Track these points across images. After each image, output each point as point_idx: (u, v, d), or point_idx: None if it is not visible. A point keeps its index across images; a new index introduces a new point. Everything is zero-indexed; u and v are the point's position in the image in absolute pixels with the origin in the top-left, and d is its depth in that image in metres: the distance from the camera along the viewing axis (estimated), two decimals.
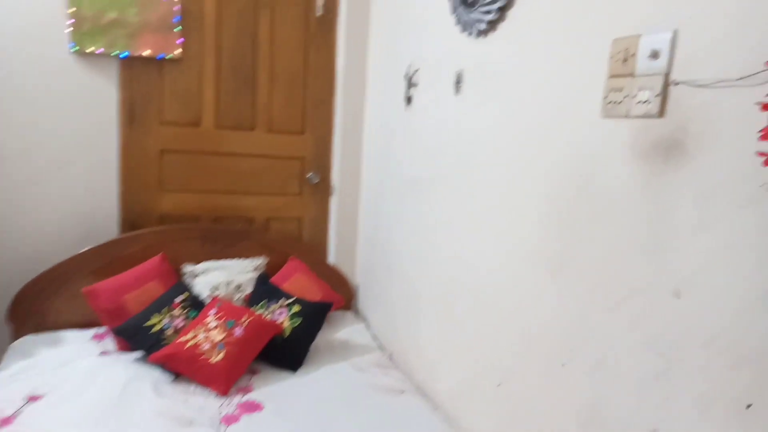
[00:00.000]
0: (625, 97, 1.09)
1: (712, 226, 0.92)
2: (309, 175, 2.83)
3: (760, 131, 0.76)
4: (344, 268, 2.82)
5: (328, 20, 2.73)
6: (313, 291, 2.48)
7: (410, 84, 2.14)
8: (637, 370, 1.07)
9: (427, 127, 1.99)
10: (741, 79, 0.85)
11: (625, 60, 1.08)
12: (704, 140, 0.92)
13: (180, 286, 2.31)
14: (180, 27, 2.44)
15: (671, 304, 0.99)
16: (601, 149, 1.16)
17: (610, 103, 1.12)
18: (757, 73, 0.82)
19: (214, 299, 2.20)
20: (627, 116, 1.08)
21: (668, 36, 0.99)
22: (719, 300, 0.91)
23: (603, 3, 1.15)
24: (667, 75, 0.99)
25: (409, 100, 2.15)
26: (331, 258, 2.86)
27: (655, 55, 1.01)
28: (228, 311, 2.09)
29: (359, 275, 2.82)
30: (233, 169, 2.71)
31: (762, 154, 0.75)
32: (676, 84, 0.98)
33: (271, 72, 2.70)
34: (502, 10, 1.49)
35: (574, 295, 1.24)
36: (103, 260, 2.34)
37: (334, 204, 2.85)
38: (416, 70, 2.08)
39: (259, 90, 2.69)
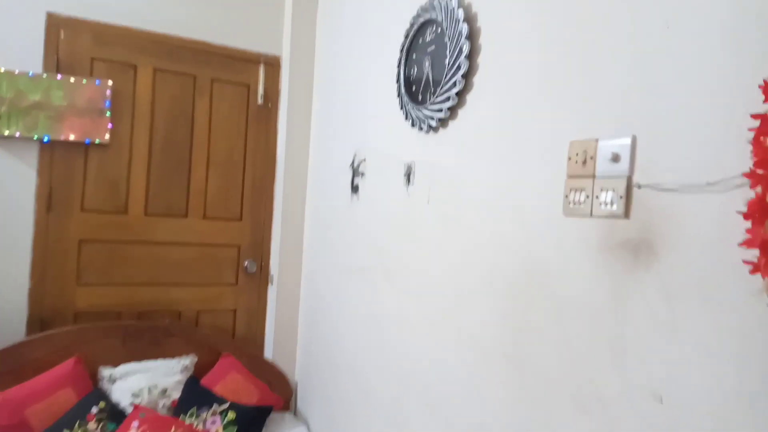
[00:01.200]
0: (587, 198, 1.09)
1: (686, 327, 0.91)
2: (246, 263, 2.69)
3: (743, 242, 0.76)
4: (283, 364, 2.63)
5: (269, 108, 2.71)
6: (249, 392, 2.27)
7: (356, 173, 2.12)
8: None
9: (375, 216, 1.95)
10: (709, 185, 0.87)
11: (584, 162, 1.10)
12: (674, 241, 0.93)
13: (96, 393, 2.04)
14: (110, 111, 2.32)
15: (652, 409, 0.95)
16: (563, 247, 1.15)
17: (571, 203, 1.13)
18: (727, 179, 0.84)
19: (136, 408, 1.95)
20: (591, 216, 1.08)
21: (627, 141, 1.01)
22: (700, 403, 0.88)
23: (557, 106, 1.19)
24: (629, 178, 1.01)
25: (355, 188, 2.12)
26: (269, 353, 2.67)
27: (615, 158, 1.03)
28: (152, 423, 1.85)
29: (299, 372, 2.64)
30: (162, 259, 2.52)
31: (748, 262, 0.75)
32: (640, 187, 0.99)
33: (208, 157, 2.61)
34: (453, 110, 1.52)
35: (536, 397, 1.18)
36: (5, 366, 2.04)
37: (272, 294, 2.70)
38: (363, 160, 2.07)
39: (194, 175, 2.58)
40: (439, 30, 1.59)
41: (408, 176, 1.75)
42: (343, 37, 2.34)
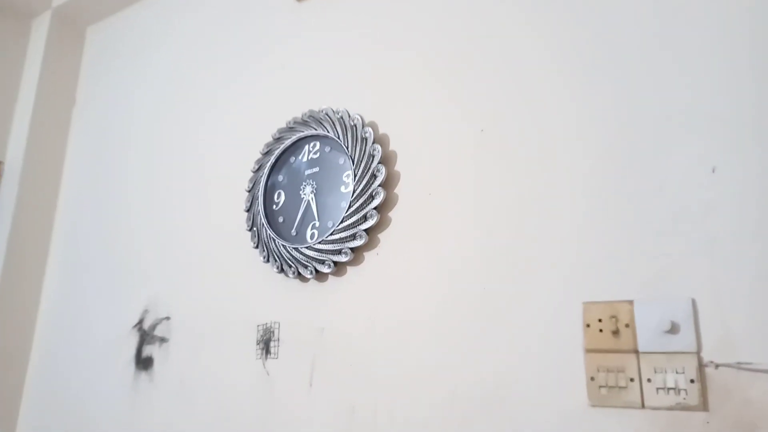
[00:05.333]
0: (630, 381, 0.80)
1: None
2: None
3: None
4: None
5: None
6: None
7: (147, 338, 1.41)
8: None
9: (194, 409, 1.26)
10: None
11: (615, 331, 0.82)
12: None
13: None
14: None
15: None
16: None
17: (603, 388, 0.81)
18: None
19: None
20: (643, 407, 0.78)
21: (686, 304, 0.78)
22: None
23: (558, 251, 0.91)
24: (698, 354, 0.76)
25: (145, 363, 1.39)
26: None
27: (673, 328, 0.78)
28: None
29: None
30: None
31: None
32: (717, 367, 0.75)
33: None
34: (357, 251, 1.11)
35: None
36: None
37: None
38: (164, 319, 1.39)
39: None
40: (329, 149, 1.21)
41: (266, 345, 1.19)
42: (122, 140, 1.71)
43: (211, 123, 1.49)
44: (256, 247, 1.24)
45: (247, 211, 1.29)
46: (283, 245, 1.19)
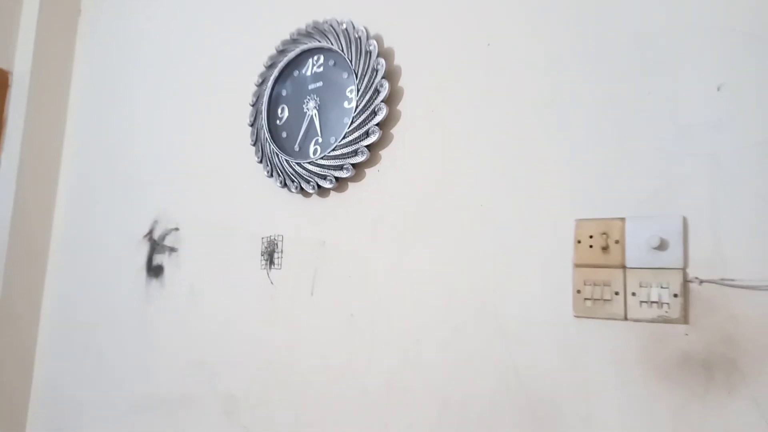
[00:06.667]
0: (615, 295, 0.82)
1: None
2: None
3: None
4: None
5: None
6: None
7: (158, 248, 1.46)
8: None
9: (204, 313, 1.33)
10: None
11: (605, 247, 0.84)
12: (766, 356, 0.71)
13: None
14: None
15: None
16: (578, 362, 0.84)
17: (589, 300, 0.84)
18: None
19: None
20: (626, 319, 0.81)
21: (677, 222, 0.79)
22: None
23: (547, 171, 0.92)
24: (684, 270, 0.78)
25: (156, 271, 1.45)
26: None
27: (662, 245, 0.79)
28: None
29: None
30: None
31: None
32: (701, 283, 0.77)
33: None
34: (359, 167, 1.12)
35: None
36: None
37: None
38: (173, 230, 1.44)
39: None
40: (333, 63, 1.20)
41: (270, 256, 1.23)
42: (128, 54, 1.69)
43: (216, 36, 1.47)
44: (260, 161, 1.26)
45: (251, 125, 1.29)
46: (286, 160, 1.20)
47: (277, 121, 1.26)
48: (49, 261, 1.78)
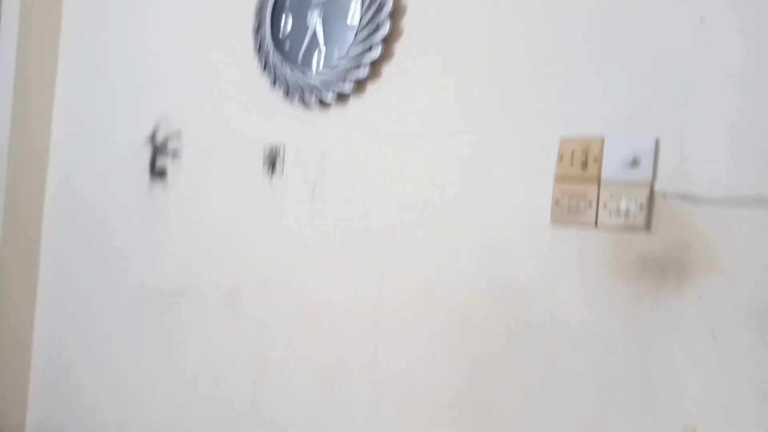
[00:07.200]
0: (589, 205, 0.93)
1: (731, 357, 0.82)
2: None
3: None
4: (5, 416, 1.77)
5: None
6: None
7: (161, 151, 1.52)
8: None
9: (205, 214, 1.42)
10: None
11: (584, 164, 0.93)
12: (718, 262, 0.83)
13: None
14: None
15: None
16: (551, 265, 0.96)
17: (565, 209, 0.94)
18: None
19: None
20: (596, 227, 0.92)
21: (649, 141, 0.88)
22: None
23: (537, 93, 0.99)
24: (651, 185, 0.88)
25: (159, 173, 1.52)
26: None
27: (634, 162, 0.89)
28: None
29: (34, 424, 1.82)
30: None
31: None
32: (666, 197, 0.87)
33: None
34: (361, 83, 1.17)
35: None
36: None
37: None
38: (175, 134, 1.49)
39: None
40: None
41: (272, 163, 1.30)
42: None
43: None
44: (264, 70, 1.30)
45: (255, 33, 1.32)
46: (289, 71, 1.25)
47: (281, 31, 1.29)
48: (50, 160, 1.82)
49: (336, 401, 1.18)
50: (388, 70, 1.16)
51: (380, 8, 1.13)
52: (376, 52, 1.13)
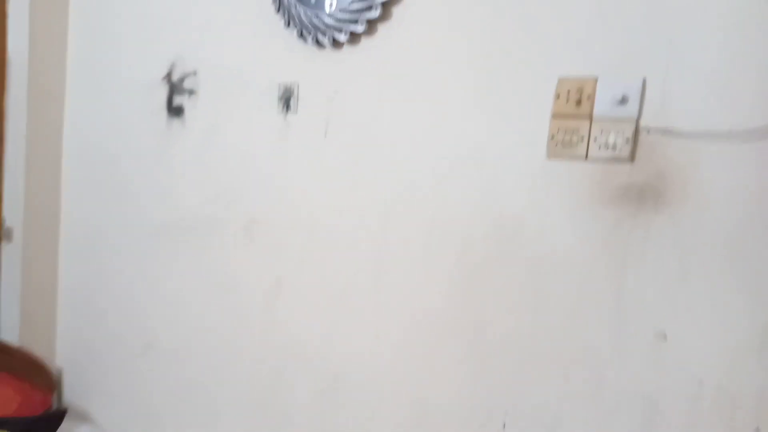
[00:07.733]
0: (581, 139, 1.02)
1: (698, 273, 0.94)
2: None
3: None
4: (36, 347, 1.91)
5: None
6: (7, 398, 1.57)
7: (177, 90, 1.59)
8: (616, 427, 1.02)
9: (222, 150, 1.51)
10: (738, 132, 0.89)
11: (578, 101, 1.02)
12: (690, 190, 0.94)
13: None
14: None
15: (653, 348, 0.98)
16: (545, 194, 1.06)
17: (559, 144, 1.04)
18: (758, 129, 0.87)
19: None
20: (586, 159, 1.02)
21: (637, 81, 0.97)
22: (706, 345, 0.94)
23: (538, 36, 1.07)
24: (637, 121, 0.98)
25: (176, 111, 1.60)
26: (10, 335, 1.90)
27: (623, 100, 0.98)
28: None
29: (63, 358, 1.96)
30: None
31: None
32: (649, 132, 0.97)
33: None
34: (372, 24, 1.24)
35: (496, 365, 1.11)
36: None
37: (10, 255, 1.89)
38: (191, 73, 1.56)
39: None
40: None
41: (286, 101, 1.38)
42: None
43: None
44: (278, 11, 1.36)
45: None
46: (303, 11, 1.31)
47: None
48: (66, 101, 1.89)
49: (343, 318, 1.31)
50: (398, 11, 1.22)
51: None
52: None
